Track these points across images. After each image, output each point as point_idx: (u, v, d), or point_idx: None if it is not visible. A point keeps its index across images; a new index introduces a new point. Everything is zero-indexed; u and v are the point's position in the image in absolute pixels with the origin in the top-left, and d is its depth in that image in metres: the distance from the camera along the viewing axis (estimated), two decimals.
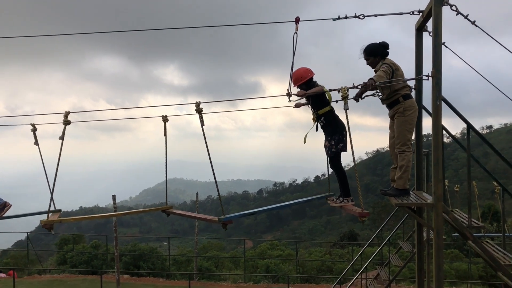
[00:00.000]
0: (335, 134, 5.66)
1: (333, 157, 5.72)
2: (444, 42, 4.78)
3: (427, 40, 5.68)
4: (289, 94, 5.28)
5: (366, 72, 5.67)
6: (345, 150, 5.71)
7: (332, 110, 5.72)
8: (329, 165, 5.86)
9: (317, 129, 5.85)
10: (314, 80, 5.71)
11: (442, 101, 4.53)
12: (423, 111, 5.77)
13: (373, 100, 5.65)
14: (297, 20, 4.97)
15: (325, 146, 5.78)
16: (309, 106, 5.87)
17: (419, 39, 5.71)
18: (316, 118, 5.76)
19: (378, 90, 5.50)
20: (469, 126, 4.96)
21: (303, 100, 5.90)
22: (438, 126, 4.51)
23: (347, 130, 5.38)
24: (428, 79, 4.62)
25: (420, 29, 5.61)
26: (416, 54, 5.68)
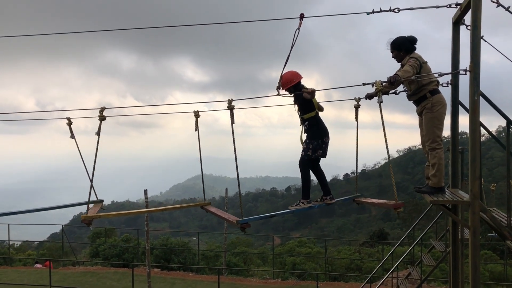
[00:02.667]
0: (314, 140, 5.71)
1: (309, 161, 5.80)
2: (483, 36, 4.64)
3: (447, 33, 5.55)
4: (279, 88, 5.48)
5: (385, 66, 5.58)
6: (324, 156, 5.82)
7: (316, 116, 5.76)
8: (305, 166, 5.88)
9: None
10: (302, 83, 5.75)
11: (479, 97, 4.40)
12: (459, 107, 5.63)
13: (401, 97, 5.56)
14: (301, 17, 4.94)
15: (305, 147, 5.80)
16: (295, 107, 5.92)
17: (456, 33, 5.56)
18: (302, 121, 5.84)
19: (404, 86, 5.41)
20: (509, 122, 4.79)
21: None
22: (476, 122, 4.39)
23: (328, 136, 5.75)
24: (465, 74, 4.49)
25: (457, 22, 5.46)
26: (452, 48, 5.54)
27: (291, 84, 5.62)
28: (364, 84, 4.86)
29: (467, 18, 4.94)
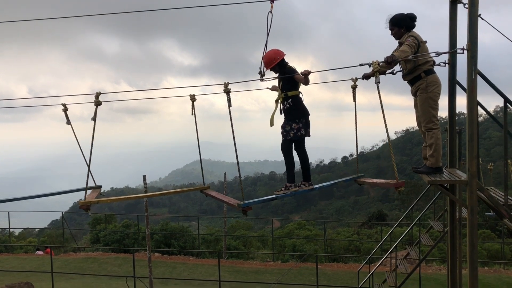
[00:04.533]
0: (302, 118, 5.60)
1: (300, 142, 5.71)
2: (480, 14, 4.59)
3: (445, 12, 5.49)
4: (261, 74, 5.32)
5: (376, 47, 5.52)
6: (309, 135, 5.72)
7: (299, 95, 5.63)
8: (282, 146, 5.82)
9: (281, 112, 5.73)
10: (285, 61, 5.59)
11: (477, 76, 4.38)
12: (457, 86, 5.60)
13: (398, 79, 5.51)
14: None
15: (288, 129, 5.62)
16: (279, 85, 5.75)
17: (453, 12, 5.51)
18: (283, 99, 5.63)
19: (400, 65, 5.37)
20: (507, 101, 4.78)
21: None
22: (473, 101, 4.37)
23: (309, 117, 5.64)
24: (463, 53, 4.46)
25: (455, 1, 5.40)
26: (450, 26, 5.50)
27: (275, 63, 5.44)
28: (361, 65, 4.83)
29: None
